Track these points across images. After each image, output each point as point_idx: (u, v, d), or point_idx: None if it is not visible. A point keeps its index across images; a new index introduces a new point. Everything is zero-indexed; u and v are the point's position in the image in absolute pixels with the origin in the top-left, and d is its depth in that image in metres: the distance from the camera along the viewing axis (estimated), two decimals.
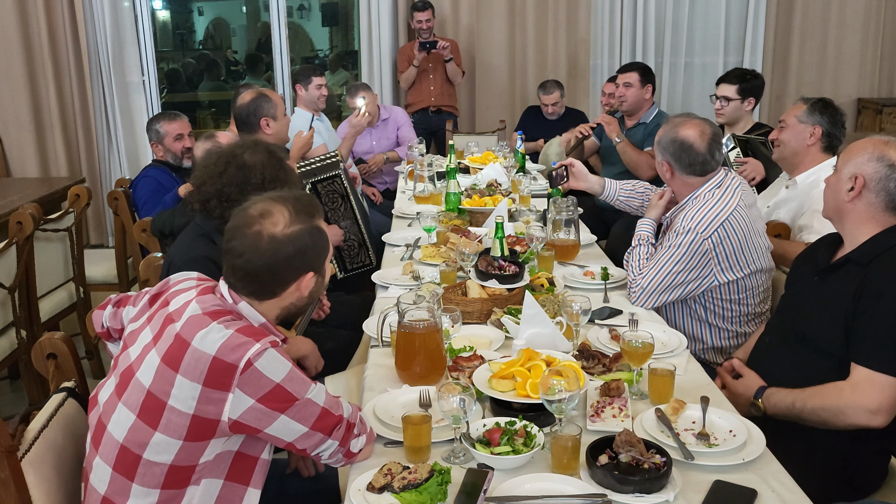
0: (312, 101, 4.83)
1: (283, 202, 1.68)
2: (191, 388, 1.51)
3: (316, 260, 1.70)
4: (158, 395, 1.54)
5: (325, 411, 1.60)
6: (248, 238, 1.63)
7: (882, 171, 2.01)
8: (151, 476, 1.56)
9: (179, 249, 2.35)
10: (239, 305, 1.66)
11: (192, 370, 1.51)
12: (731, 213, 2.50)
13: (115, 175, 6.11)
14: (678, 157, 2.58)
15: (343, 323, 2.91)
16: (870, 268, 1.98)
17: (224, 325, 1.55)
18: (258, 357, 1.51)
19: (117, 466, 1.58)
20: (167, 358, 1.55)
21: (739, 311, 2.60)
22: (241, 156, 2.27)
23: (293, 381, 1.56)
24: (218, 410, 1.51)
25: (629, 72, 4.35)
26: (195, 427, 1.53)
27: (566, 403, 1.68)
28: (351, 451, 1.67)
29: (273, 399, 1.53)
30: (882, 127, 6.04)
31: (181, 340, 1.55)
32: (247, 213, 1.67)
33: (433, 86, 6.00)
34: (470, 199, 3.66)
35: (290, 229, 1.64)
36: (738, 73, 3.95)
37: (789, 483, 1.61)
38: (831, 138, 2.88)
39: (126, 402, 1.59)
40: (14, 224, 3.35)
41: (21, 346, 3.42)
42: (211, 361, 1.50)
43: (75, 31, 5.90)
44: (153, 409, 1.54)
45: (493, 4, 6.20)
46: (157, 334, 1.62)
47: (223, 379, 1.50)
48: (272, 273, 1.65)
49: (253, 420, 1.53)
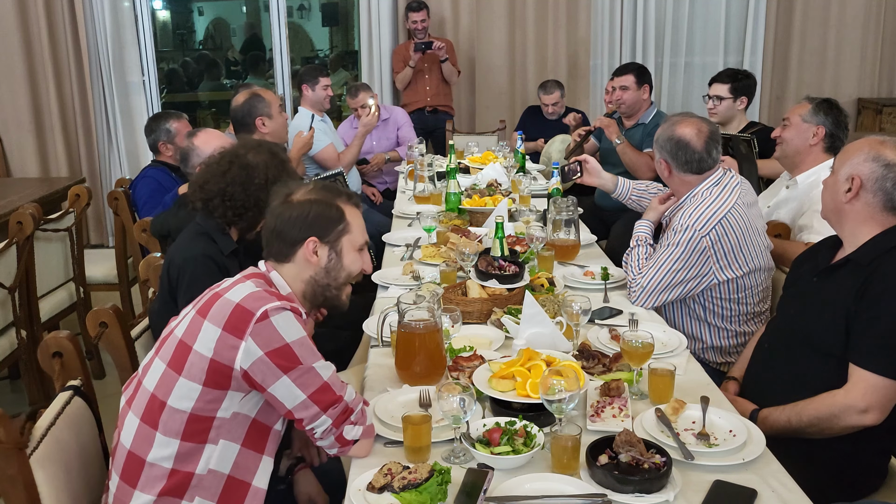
0: (319, 102, 4.83)
1: (310, 184, 1.91)
2: (213, 331, 1.64)
3: (320, 228, 1.83)
4: (186, 341, 1.67)
5: (326, 385, 1.67)
6: (275, 202, 1.87)
7: (878, 171, 2.01)
8: (173, 423, 1.65)
9: (179, 248, 2.35)
10: (271, 274, 1.82)
11: (216, 315, 1.65)
12: (728, 210, 2.50)
13: (115, 175, 6.11)
14: (675, 155, 2.59)
15: (344, 323, 2.91)
16: (871, 269, 1.98)
17: (256, 284, 1.72)
18: (275, 312, 1.64)
19: (145, 416, 1.68)
20: (201, 310, 1.70)
21: (739, 311, 2.61)
22: (244, 156, 2.30)
23: (303, 346, 1.66)
24: (231, 357, 1.62)
25: (624, 74, 4.35)
26: (213, 372, 1.64)
27: (566, 403, 1.68)
28: (344, 436, 1.69)
29: (279, 356, 1.62)
30: (882, 127, 6.04)
31: (216, 295, 1.71)
32: (285, 188, 1.90)
33: (429, 86, 6.00)
34: (470, 199, 3.66)
35: (302, 197, 1.84)
36: (730, 73, 4.03)
37: (789, 483, 1.61)
38: (834, 139, 2.88)
39: (161, 356, 1.73)
40: (14, 224, 3.35)
41: (21, 346, 3.42)
42: (234, 308, 1.64)
43: (75, 31, 5.90)
44: (180, 355, 1.67)
45: (493, 4, 6.21)
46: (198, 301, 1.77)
47: (239, 325, 1.62)
48: (279, 231, 1.82)
49: (259, 374, 1.63)
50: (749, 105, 4.05)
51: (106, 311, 2.12)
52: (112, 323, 2.11)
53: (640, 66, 4.47)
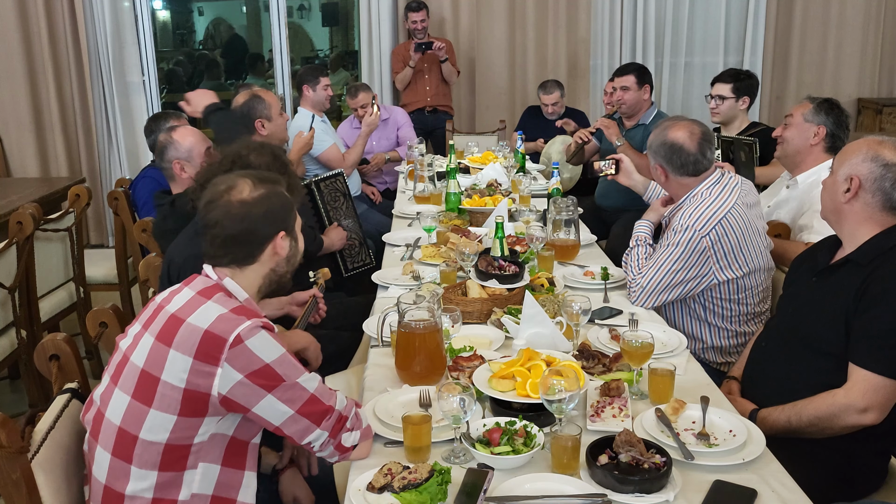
0: (320, 102, 4.83)
1: (244, 175, 1.82)
2: (182, 361, 1.56)
3: (285, 219, 1.80)
4: (151, 372, 1.59)
5: (313, 398, 1.64)
6: (220, 207, 1.75)
7: (877, 171, 2.01)
8: (148, 456, 1.59)
9: (179, 248, 2.36)
10: (224, 281, 1.73)
11: (184, 343, 1.57)
12: (728, 210, 2.50)
13: (115, 175, 6.11)
14: (669, 160, 2.60)
15: (345, 325, 2.91)
16: (871, 268, 1.98)
17: (219, 303, 1.63)
18: (249, 334, 1.57)
19: (116, 450, 1.62)
20: (161, 336, 1.61)
21: (739, 311, 2.61)
22: (246, 157, 2.31)
23: (283, 364, 1.61)
24: (208, 384, 1.56)
25: (625, 75, 4.32)
26: (188, 401, 1.57)
27: (566, 403, 1.68)
28: (343, 444, 1.68)
29: (260, 376, 1.57)
30: (882, 127, 6.04)
31: (175, 318, 1.61)
32: (214, 188, 1.79)
33: (429, 86, 6.00)
34: (470, 199, 3.66)
35: (255, 193, 1.77)
36: (733, 73, 4.03)
37: (789, 483, 1.61)
38: (835, 139, 2.88)
39: (122, 387, 1.64)
40: (14, 224, 3.35)
41: (21, 346, 3.42)
42: (202, 335, 1.56)
43: (75, 31, 5.90)
44: (147, 387, 1.59)
45: (493, 4, 6.20)
46: (148, 320, 1.67)
47: (212, 352, 1.56)
48: (248, 233, 1.74)
49: (241, 397, 1.57)
50: (751, 105, 4.05)
51: (106, 311, 2.12)
52: (112, 323, 2.11)
53: (641, 66, 4.46)
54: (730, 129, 3.99)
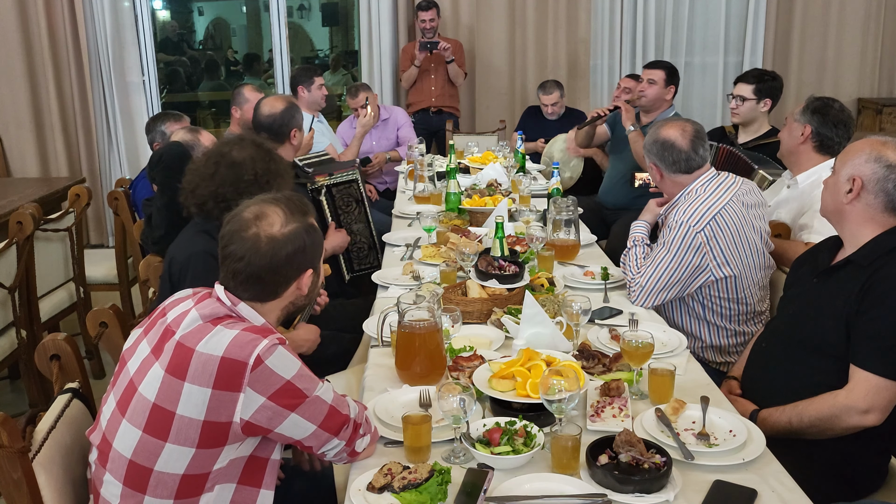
0: (315, 102, 4.82)
1: (275, 203, 1.69)
2: (200, 393, 1.50)
3: (314, 257, 1.72)
4: (165, 406, 1.52)
5: (332, 409, 1.61)
6: (247, 241, 1.63)
7: (880, 171, 2.00)
8: (164, 487, 1.55)
9: (180, 246, 2.36)
10: (238, 307, 1.64)
11: (199, 375, 1.50)
12: (722, 207, 2.52)
13: (115, 175, 6.11)
14: (662, 157, 2.63)
15: (346, 326, 2.91)
16: (872, 269, 1.97)
17: (229, 327, 1.55)
18: (268, 354, 1.51)
19: (128, 482, 1.57)
20: (172, 368, 1.53)
21: (738, 310, 2.61)
22: (228, 154, 2.28)
23: (302, 378, 1.57)
24: (230, 412, 1.50)
25: (656, 69, 4.26)
26: (207, 433, 1.52)
27: (566, 403, 1.68)
28: (355, 450, 1.69)
29: (284, 396, 1.53)
30: (882, 127, 6.03)
31: (184, 349, 1.53)
32: (241, 216, 1.67)
33: (434, 86, 5.99)
34: (470, 199, 3.66)
35: (286, 228, 1.66)
36: (756, 73, 3.88)
37: (789, 483, 1.61)
38: (822, 138, 2.87)
39: (130, 419, 1.56)
40: (14, 224, 3.35)
41: (21, 346, 3.42)
42: (219, 363, 1.50)
43: (75, 31, 5.89)
44: (160, 421, 1.53)
45: (493, 4, 6.20)
46: (155, 346, 1.60)
47: (233, 379, 1.49)
48: (274, 273, 1.65)
49: (264, 420, 1.53)
50: (773, 108, 3.86)
51: (106, 311, 2.12)
52: (112, 323, 2.11)
53: (673, 66, 4.36)
54: (748, 131, 3.87)
